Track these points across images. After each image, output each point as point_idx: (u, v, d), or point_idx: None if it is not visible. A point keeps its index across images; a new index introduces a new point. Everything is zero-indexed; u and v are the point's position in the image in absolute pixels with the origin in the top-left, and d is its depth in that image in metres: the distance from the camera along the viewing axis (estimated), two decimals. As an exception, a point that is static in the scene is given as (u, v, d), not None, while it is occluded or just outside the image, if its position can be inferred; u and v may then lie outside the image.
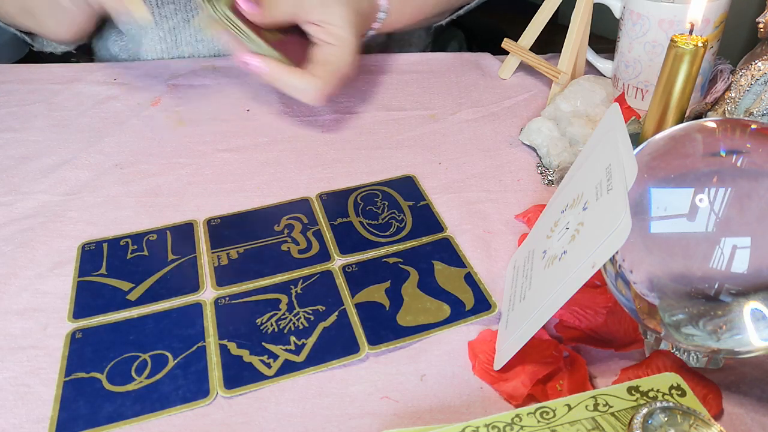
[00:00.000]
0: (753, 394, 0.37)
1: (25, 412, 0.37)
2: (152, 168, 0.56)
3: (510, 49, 0.66)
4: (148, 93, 0.66)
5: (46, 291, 0.44)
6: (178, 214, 0.51)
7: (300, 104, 0.64)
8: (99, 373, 0.39)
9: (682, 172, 0.34)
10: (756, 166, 0.33)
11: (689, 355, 0.37)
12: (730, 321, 0.32)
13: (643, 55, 0.58)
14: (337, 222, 0.50)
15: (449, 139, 0.59)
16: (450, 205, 0.51)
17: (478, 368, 0.38)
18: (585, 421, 0.31)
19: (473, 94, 0.66)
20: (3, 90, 0.66)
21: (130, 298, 0.43)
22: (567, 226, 0.37)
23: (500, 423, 0.31)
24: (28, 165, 0.56)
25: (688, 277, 0.32)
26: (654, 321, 0.35)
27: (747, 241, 0.31)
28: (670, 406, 0.30)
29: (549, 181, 0.53)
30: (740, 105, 0.52)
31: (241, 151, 0.58)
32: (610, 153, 0.35)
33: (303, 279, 0.45)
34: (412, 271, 0.45)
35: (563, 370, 0.37)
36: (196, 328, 0.41)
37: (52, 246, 0.48)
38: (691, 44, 0.40)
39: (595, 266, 0.31)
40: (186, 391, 0.37)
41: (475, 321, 0.41)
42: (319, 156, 0.57)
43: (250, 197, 0.53)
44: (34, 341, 0.41)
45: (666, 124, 0.43)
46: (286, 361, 0.39)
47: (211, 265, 0.46)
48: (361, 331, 0.41)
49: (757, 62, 0.51)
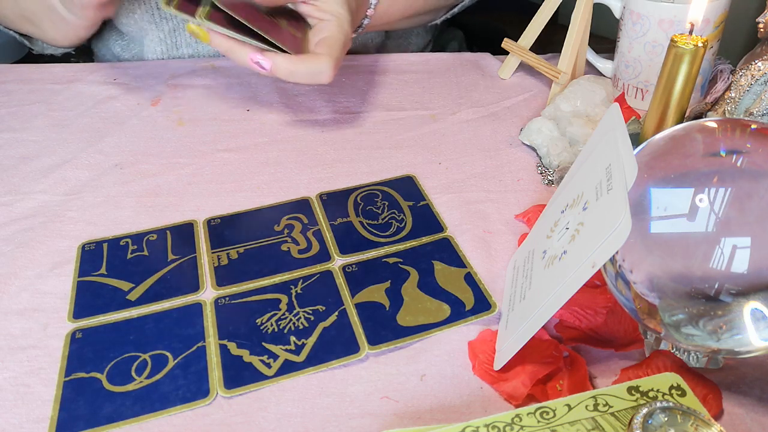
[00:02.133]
0: (753, 394, 0.37)
1: (25, 412, 0.37)
2: (152, 168, 0.56)
3: (510, 49, 0.66)
4: (148, 93, 0.66)
5: (46, 291, 0.44)
6: (178, 214, 0.51)
7: (300, 104, 0.64)
8: (99, 373, 0.39)
9: (682, 172, 0.34)
10: (756, 166, 0.33)
11: (689, 355, 0.37)
12: (730, 321, 0.32)
13: (643, 55, 0.58)
14: (337, 222, 0.50)
15: (449, 139, 0.59)
16: (450, 205, 0.51)
17: (478, 368, 0.38)
18: (585, 421, 0.31)
19: (473, 94, 0.66)
20: (3, 90, 0.66)
21: (130, 298, 0.43)
22: (567, 226, 0.37)
23: (500, 423, 0.31)
24: (28, 165, 0.56)
25: (688, 277, 0.32)
26: (654, 321, 0.35)
27: (747, 241, 0.31)
28: (670, 406, 0.30)
29: (549, 181, 0.53)
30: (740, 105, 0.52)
31: (241, 151, 0.58)
32: (610, 153, 0.35)
33: (303, 279, 0.45)
34: (412, 271, 0.45)
35: (563, 370, 0.37)
36: (196, 328, 0.41)
37: (52, 246, 0.48)
38: (691, 44, 0.40)
39: (595, 266, 0.31)
40: (186, 391, 0.37)
41: (475, 321, 0.41)
42: (319, 156, 0.57)
43: (250, 197, 0.53)
44: (34, 341, 0.41)
45: (666, 124, 0.43)
46: (286, 361, 0.39)
47: (211, 265, 0.46)
48: (361, 331, 0.41)
49: (757, 62, 0.51)
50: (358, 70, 0.70)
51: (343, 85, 0.67)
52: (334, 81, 0.67)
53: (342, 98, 0.65)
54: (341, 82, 0.68)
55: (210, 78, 0.68)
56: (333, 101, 0.65)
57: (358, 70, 0.70)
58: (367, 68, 0.70)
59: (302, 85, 0.66)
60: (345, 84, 0.67)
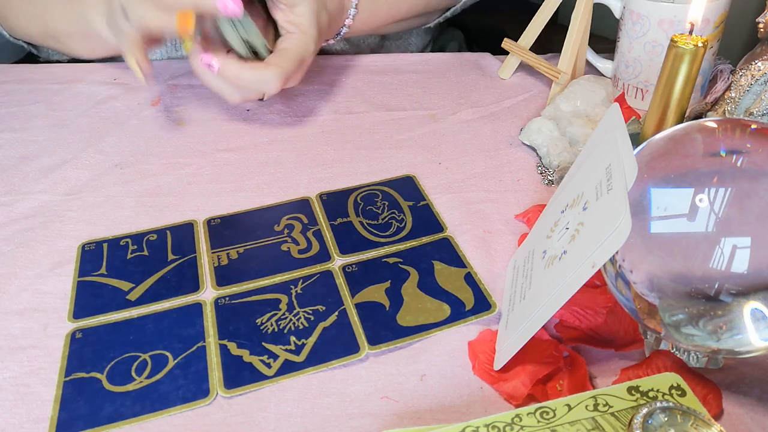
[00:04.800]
0: (753, 394, 0.37)
1: (25, 412, 0.37)
2: (152, 168, 0.56)
3: (510, 49, 0.66)
4: (148, 93, 0.66)
5: (46, 291, 0.44)
6: (178, 214, 0.51)
7: (300, 104, 0.64)
8: (99, 373, 0.39)
9: (682, 172, 0.34)
10: (756, 166, 0.33)
11: (689, 355, 0.37)
12: (730, 321, 0.32)
13: (643, 55, 0.58)
14: (337, 222, 0.50)
15: (449, 139, 0.59)
16: (450, 205, 0.51)
17: (478, 368, 0.38)
18: (585, 421, 0.31)
19: (473, 94, 0.66)
20: (3, 90, 0.66)
21: (130, 298, 0.43)
22: (567, 226, 0.37)
23: (500, 423, 0.31)
24: (28, 165, 0.56)
25: (688, 277, 0.32)
26: (654, 321, 0.35)
27: (747, 241, 0.31)
28: (670, 406, 0.30)
29: (549, 181, 0.53)
30: (740, 105, 0.52)
31: (241, 151, 0.58)
32: (610, 153, 0.35)
33: (303, 279, 0.45)
34: (412, 271, 0.45)
35: (563, 370, 0.37)
36: (196, 328, 0.41)
37: (52, 246, 0.48)
38: (691, 44, 0.40)
39: (595, 266, 0.31)
40: (186, 391, 0.37)
41: (475, 321, 0.41)
42: (319, 156, 0.57)
43: (250, 197, 0.53)
44: (34, 341, 0.41)
45: (666, 124, 0.43)
46: (286, 361, 0.39)
47: (211, 265, 0.46)
48: (361, 331, 0.41)
49: (757, 62, 0.51)
50: (358, 70, 0.70)
51: (343, 85, 0.67)
52: (334, 81, 0.68)
53: (342, 98, 0.65)
54: (341, 82, 0.68)
55: (210, 78, 0.68)
56: (333, 101, 0.65)
57: (358, 70, 0.70)
58: (367, 68, 0.70)
59: (302, 85, 0.66)
60: (345, 84, 0.67)
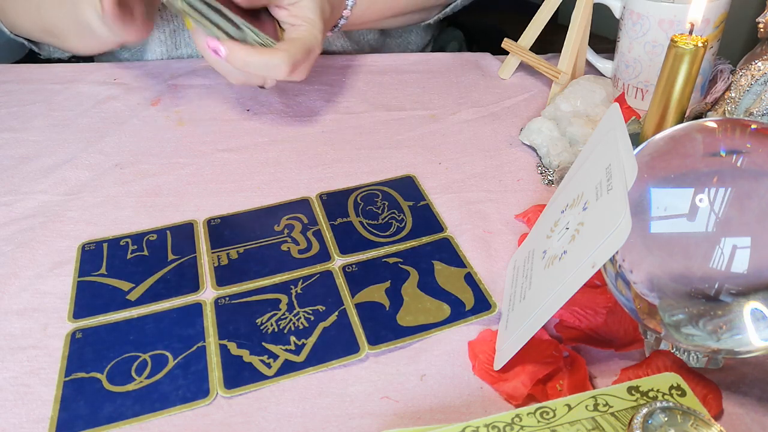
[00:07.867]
0: (753, 394, 0.37)
1: (25, 412, 0.37)
2: (152, 168, 0.56)
3: (510, 49, 0.66)
4: (148, 93, 0.66)
5: (46, 291, 0.44)
6: (178, 214, 0.51)
7: (300, 104, 0.64)
8: (99, 373, 0.39)
9: (682, 172, 0.34)
10: (756, 166, 0.33)
11: (689, 355, 0.37)
12: (730, 321, 0.32)
13: (643, 55, 0.58)
14: (337, 222, 0.50)
15: (449, 139, 0.59)
16: (450, 205, 0.51)
17: (478, 368, 0.38)
18: (585, 421, 0.31)
19: (473, 94, 0.66)
20: (3, 90, 0.66)
21: (130, 298, 0.43)
22: (567, 226, 0.37)
23: (500, 423, 0.31)
24: (28, 165, 0.56)
25: (688, 277, 0.32)
26: (654, 321, 0.35)
27: (747, 241, 0.31)
28: (670, 406, 0.30)
29: (549, 181, 0.53)
30: (740, 105, 0.52)
31: (241, 151, 0.58)
32: (610, 153, 0.35)
33: (303, 279, 0.45)
34: (412, 271, 0.45)
35: (563, 370, 0.37)
36: (196, 328, 0.41)
37: (52, 246, 0.48)
38: (691, 44, 0.40)
39: (595, 266, 0.31)
40: (186, 391, 0.37)
41: (475, 321, 0.41)
42: (319, 156, 0.57)
43: (250, 197, 0.53)
44: (34, 341, 0.41)
45: (666, 124, 0.43)
46: (286, 361, 0.39)
47: (211, 265, 0.46)
48: (361, 331, 0.41)
49: (757, 62, 0.51)
50: (358, 70, 0.70)
51: (343, 85, 0.67)
52: (334, 81, 0.68)
53: (342, 98, 0.65)
54: (341, 82, 0.68)
55: (210, 78, 0.68)
56: (333, 101, 0.65)
57: (358, 70, 0.70)
58: (367, 68, 0.70)
59: (302, 85, 0.66)
60: (345, 84, 0.67)
